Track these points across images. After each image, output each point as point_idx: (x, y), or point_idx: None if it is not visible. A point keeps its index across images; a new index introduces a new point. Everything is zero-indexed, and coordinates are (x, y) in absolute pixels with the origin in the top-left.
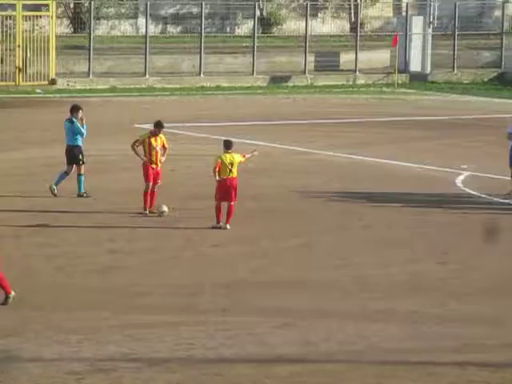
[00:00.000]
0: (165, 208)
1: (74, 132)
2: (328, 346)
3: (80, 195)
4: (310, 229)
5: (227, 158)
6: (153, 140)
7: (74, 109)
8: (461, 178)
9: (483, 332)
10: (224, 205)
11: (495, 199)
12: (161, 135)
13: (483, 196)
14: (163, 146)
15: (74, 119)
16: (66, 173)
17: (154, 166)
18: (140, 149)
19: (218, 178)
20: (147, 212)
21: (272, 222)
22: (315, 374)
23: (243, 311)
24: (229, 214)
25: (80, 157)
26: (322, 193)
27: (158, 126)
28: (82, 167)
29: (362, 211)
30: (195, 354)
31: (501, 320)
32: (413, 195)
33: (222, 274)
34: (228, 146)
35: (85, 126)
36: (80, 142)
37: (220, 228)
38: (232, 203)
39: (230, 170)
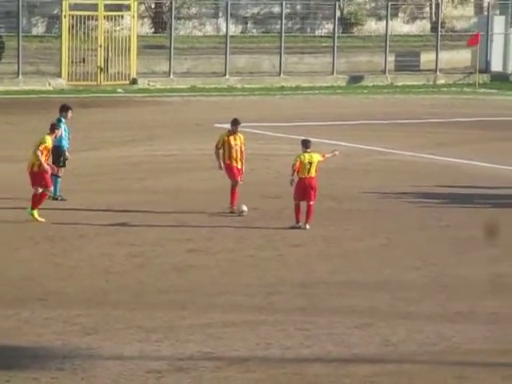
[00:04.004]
0: (244, 208)
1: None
2: (407, 346)
3: (54, 198)
4: (389, 229)
5: (306, 157)
6: (232, 138)
7: (63, 108)
8: None
9: None
10: (303, 204)
11: None
12: (240, 135)
13: None
14: (241, 148)
15: (63, 119)
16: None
17: (234, 163)
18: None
19: (294, 177)
20: (234, 209)
21: (351, 222)
22: (395, 374)
23: (322, 311)
24: (308, 214)
25: (61, 158)
26: (400, 193)
27: (235, 123)
28: (61, 169)
29: (441, 212)
30: (274, 353)
31: None
32: (492, 196)
33: (301, 274)
34: (306, 145)
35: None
36: (63, 143)
37: (299, 228)
38: (311, 203)
39: (309, 170)
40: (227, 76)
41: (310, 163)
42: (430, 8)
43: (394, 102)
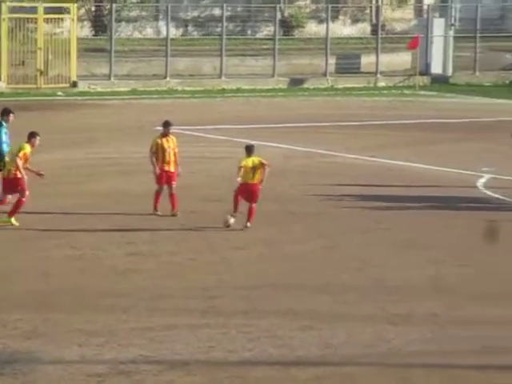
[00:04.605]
0: (231, 220)
1: None
2: (349, 348)
3: None
4: (330, 231)
5: (249, 162)
6: (164, 141)
7: (5, 112)
8: (482, 180)
9: (504, 334)
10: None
11: None
12: (172, 137)
13: (505, 199)
14: (174, 151)
15: (4, 123)
16: None
17: (167, 167)
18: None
19: (240, 179)
20: (158, 212)
21: (293, 224)
22: (336, 376)
23: (264, 314)
24: (250, 214)
25: (0, 163)
26: (342, 195)
27: (166, 125)
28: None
29: (382, 214)
30: (216, 357)
31: None
32: (433, 198)
33: (243, 277)
34: (250, 150)
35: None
36: (3, 147)
37: (236, 217)
38: (253, 205)
39: (253, 176)
40: (168, 78)
41: (254, 168)
42: (371, 11)
43: (334, 104)
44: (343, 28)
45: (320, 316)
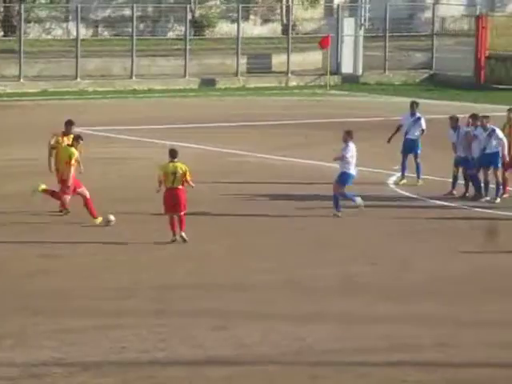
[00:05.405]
0: (112, 217)
1: None
2: (262, 347)
3: None
4: (242, 231)
5: (170, 167)
6: (66, 139)
7: None
8: (393, 179)
9: (416, 332)
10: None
11: (429, 200)
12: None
13: (415, 197)
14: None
15: None
16: None
17: None
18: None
19: (159, 187)
20: (68, 210)
21: (205, 224)
22: (249, 376)
23: (176, 314)
24: (180, 223)
25: None
26: (254, 195)
27: (68, 123)
28: None
29: (296, 213)
30: (128, 357)
31: (433, 320)
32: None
33: (156, 277)
34: (173, 155)
35: None
36: None
37: (175, 241)
38: (181, 214)
39: (173, 180)
40: (78, 79)
41: (175, 173)
42: (281, 10)
43: (246, 104)
44: (254, 28)
45: (233, 316)
